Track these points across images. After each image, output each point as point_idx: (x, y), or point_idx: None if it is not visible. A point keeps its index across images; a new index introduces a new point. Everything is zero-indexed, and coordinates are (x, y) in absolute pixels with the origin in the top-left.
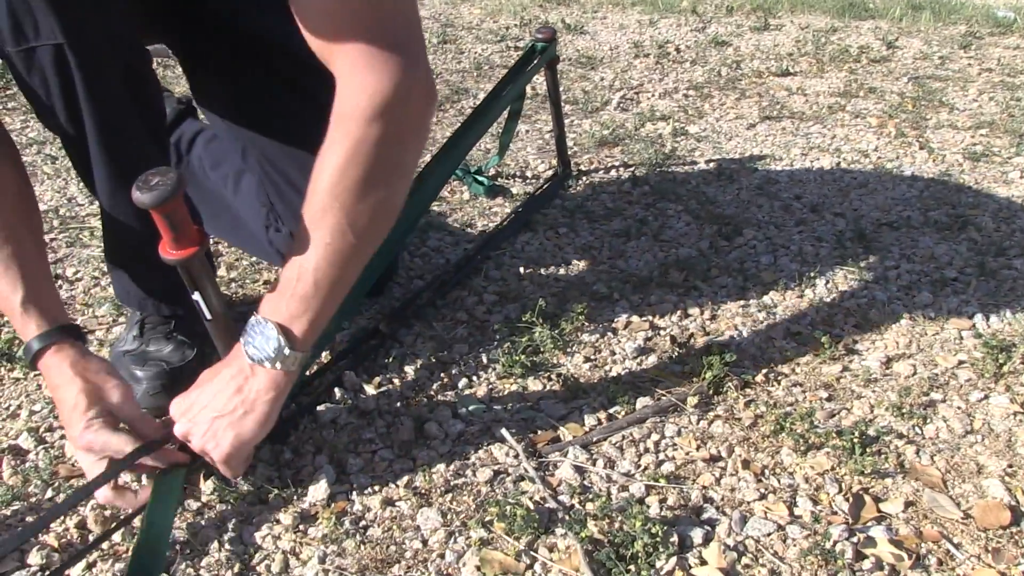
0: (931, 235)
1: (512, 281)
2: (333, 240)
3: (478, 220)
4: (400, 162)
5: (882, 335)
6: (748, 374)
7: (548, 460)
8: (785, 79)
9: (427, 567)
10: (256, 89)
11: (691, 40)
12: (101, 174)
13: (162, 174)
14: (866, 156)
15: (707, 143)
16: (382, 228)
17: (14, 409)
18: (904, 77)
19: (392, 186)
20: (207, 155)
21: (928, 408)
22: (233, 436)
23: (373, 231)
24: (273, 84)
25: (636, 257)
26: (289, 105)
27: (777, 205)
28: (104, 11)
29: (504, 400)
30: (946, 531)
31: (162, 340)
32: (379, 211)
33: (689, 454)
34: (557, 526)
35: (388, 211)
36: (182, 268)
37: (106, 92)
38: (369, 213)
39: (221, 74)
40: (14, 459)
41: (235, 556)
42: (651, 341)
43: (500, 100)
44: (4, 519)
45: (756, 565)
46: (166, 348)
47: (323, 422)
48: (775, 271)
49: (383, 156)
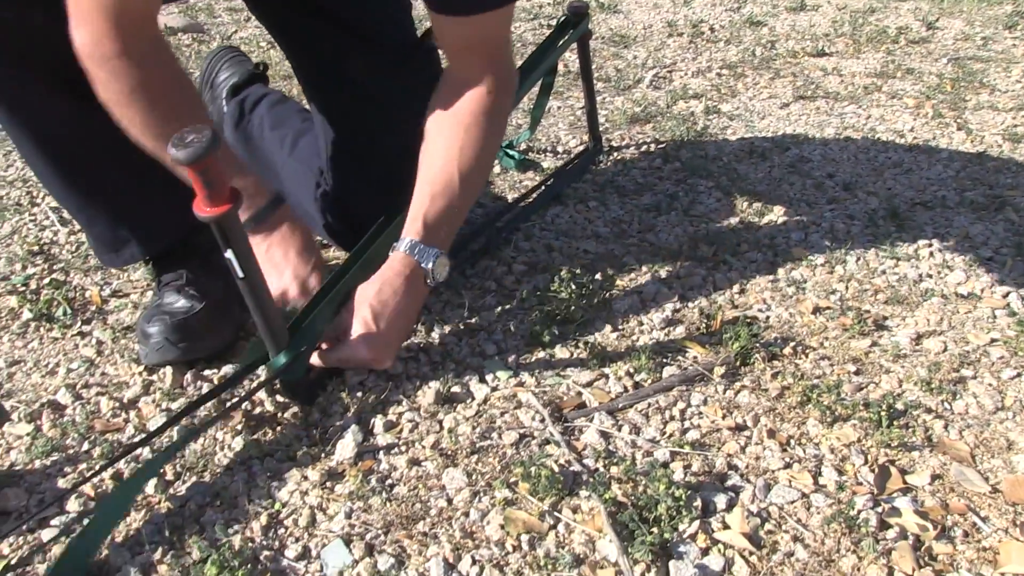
0: (966, 215)
1: (541, 252)
2: (470, 185)
3: (508, 193)
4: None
5: (913, 312)
6: (776, 347)
7: (573, 425)
8: (820, 59)
9: (451, 525)
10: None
11: (725, 20)
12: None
13: (198, 131)
14: (902, 136)
15: (739, 122)
16: (489, 168)
17: (53, 366)
18: (944, 58)
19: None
20: (269, 116)
21: (958, 384)
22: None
23: (486, 171)
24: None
25: (666, 231)
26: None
27: (809, 183)
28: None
29: (531, 367)
30: (973, 504)
31: (174, 293)
32: (488, 158)
33: (714, 423)
34: (581, 488)
35: (492, 156)
36: (216, 225)
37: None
38: (487, 160)
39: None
40: (53, 413)
41: (263, 510)
42: (679, 313)
43: (531, 73)
44: (44, 468)
45: (779, 531)
46: (177, 301)
47: (351, 385)
48: (805, 247)
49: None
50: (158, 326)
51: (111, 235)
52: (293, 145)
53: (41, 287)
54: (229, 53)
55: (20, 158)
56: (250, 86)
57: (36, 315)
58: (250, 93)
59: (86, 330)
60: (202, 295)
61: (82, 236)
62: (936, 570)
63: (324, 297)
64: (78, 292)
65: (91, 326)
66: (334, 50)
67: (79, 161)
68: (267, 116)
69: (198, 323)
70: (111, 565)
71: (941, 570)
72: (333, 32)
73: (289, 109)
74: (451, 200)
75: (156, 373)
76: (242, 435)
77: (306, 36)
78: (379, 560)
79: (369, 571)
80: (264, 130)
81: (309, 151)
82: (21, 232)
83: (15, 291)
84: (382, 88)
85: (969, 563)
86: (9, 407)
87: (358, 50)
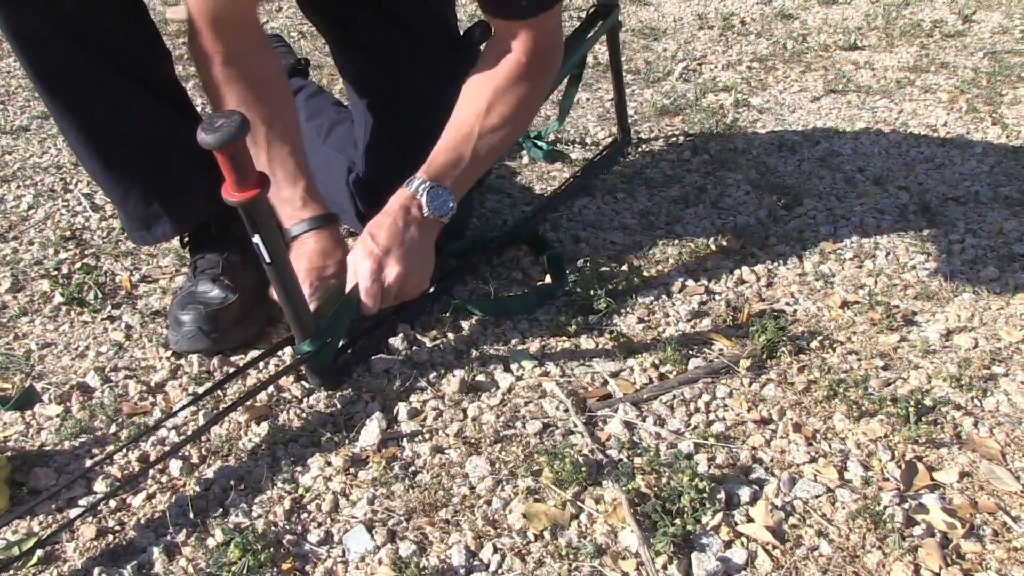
0: (1000, 210)
1: (569, 243)
2: (488, 144)
3: (536, 184)
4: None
5: (943, 308)
6: (803, 340)
7: (597, 415)
8: (852, 53)
9: (474, 513)
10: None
11: (756, 13)
12: None
13: (227, 116)
14: (934, 131)
15: (769, 115)
16: (515, 135)
17: (82, 349)
18: (980, 52)
19: (527, 112)
20: (305, 107)
21: (989, 381)
22: (418, 271)
23: (510, 136)
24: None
25: (694, 223)
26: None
27: (839, 177)
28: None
29: (556, 357)
30: (1003, 503)
31: (209, 282)
32: (515, 125)
33: (740, 415)
34: (605, 478)
35: (520, 124)
36: (243, 210)
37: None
38: (513, 126)
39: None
40: (82, 395)
41: (287, 494)
42: (705, 305)
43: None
44: (73, 449)
45: (803, 525)
46: (212, 291)
47: (376, 372)
48: (835, 241)
49: (530, 97)
50: (191, 314)
51: (144, 211)
52: (328, 134)
53: (72, 271)
54: (273, 43)
55: (58, 138)
56: (289, 79)
57: (67, 299)
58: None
59: (115, 314)
60: (236, 286)
61: (113, 222)
62: (964, 569)
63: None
64: (108, 277)
65: (120, 310)
66: (385, 43)
67: (118, 137)
68: (303, 107)
69: (231, 314)
70: (135, 545)
71: (969, 569)
72: (385, 25)
73: (325, 100)
74: (464, 151)
75: (184, 358)
76: (267, 420)
77: (358, 29)
78: (401, 546)
79: (391, 557)
80: (300, 120)
81: (342, 140)
82: (54, 217)
83: (47, 275)
84: (428, 80)
85: (999, 563)
86: (40, 388)
87: (408, 43)
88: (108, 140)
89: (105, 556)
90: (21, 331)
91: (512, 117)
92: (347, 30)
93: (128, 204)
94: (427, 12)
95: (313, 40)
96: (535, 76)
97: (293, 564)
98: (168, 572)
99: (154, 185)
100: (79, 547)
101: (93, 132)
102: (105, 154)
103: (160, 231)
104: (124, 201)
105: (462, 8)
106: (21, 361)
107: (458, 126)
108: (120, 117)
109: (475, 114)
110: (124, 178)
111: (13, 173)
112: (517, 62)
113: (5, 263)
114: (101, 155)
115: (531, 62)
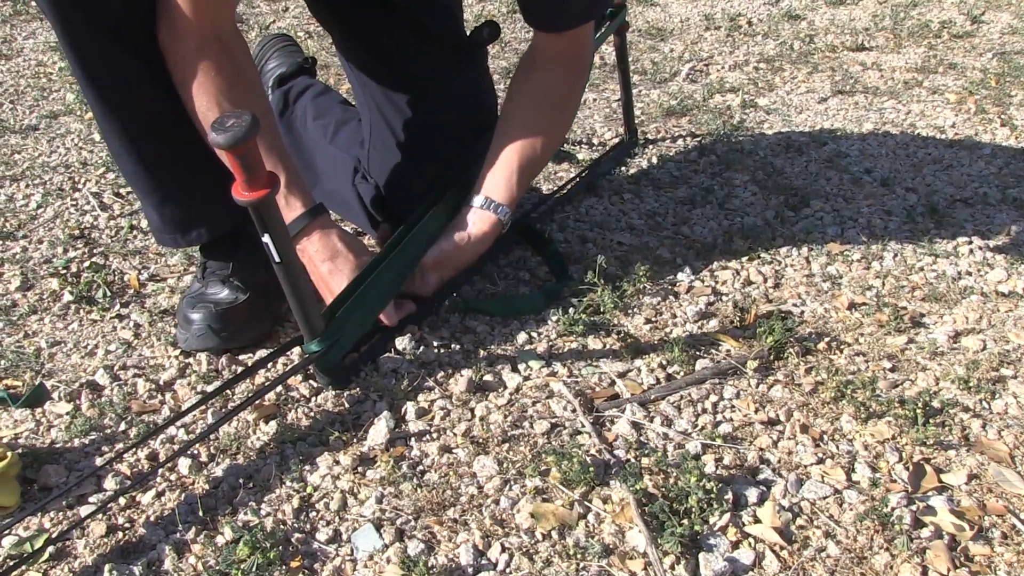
0: (1008, 212)
1: (575, 243)
2: (543, 146)
3: (543, 184)
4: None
5: (951, 309)
6: (810, 342)
7: (605, 416)
8: (860, 54)
9: (482, 512)
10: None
11: (763, 13)
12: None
13: (238, 116)
14: (942, 132)
15: (776, 116)
16: (559, 142)
17: (92, 348)
18: (988, 52)
19: (569, 116)
20: (312, 107)
21: (997, 383)
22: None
23: (557, 143)
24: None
25: (701, 224)
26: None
27: (846, 178)
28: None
29: (563, 357)
30: (1012, 506)
31: (219, 283)
32: (560, 131)
33: (747, 416)
34: (612, 478)
35: (565, 129)
36: (253, 210)
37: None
38: (562, 128)
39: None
40: (91, 393)
41: (295, 493)
42: (713, 306)
43: None
44: (83, 447)
45: (811, 526)
46: (222, 292)
47: (384, 371)
48: (842, 242)
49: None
50: (201, 313)
51: (181, 215)
52: (334, 133)
53: (81, 270)
54: (281, 42)
55: (66, 137)
56: (296, 78)
57: (76, 297)
58: (295, 84)
59: (124, 313)
60: (246, 286)
61: (121, 221)
62: (972, 571)
63: (360, 285)
64: (117, 276)
65: (129, 309)
66: (393, 42)
67: (161, 141)
68: (310, 106)
69: (240, 314)
70: (145, 543)
71: (978, 571)
72: (395, 24)
73: (331, 100)
74: (525, 166)
75: (192, 357)
76: (275, 419)
77: (366, 27)
78: (409, 545)
79: (399, 556)
80: (307, 120)
81: (349, 140)
82: (63, 216)
83: (56, 273)
84: (437, 81)
85: (1008, 566)
86: (50, 386)
87: (417, 43)
88: (150, 144)
89: (115, 553)
90: (31, 329)
91: (561, 121)
92: (355, 29)
93: (165, 208)
94: (438, 11)
95: (320, 40)
96: (575, 81)
97: (302, 562)
98: (178, 569)
99: (192, 189)
100: (89, 544)
101: (136, 136)
102: (146, 158)
103: (195, 235)
104: (161, 205)
105: (468, 8)
106: (31, 359)
107: (513, 143)
108: (163, 122)
109: (527, 127)
110: (164, 182)
111: (22, 172)
112: (559, 73)
113: (15, 262)
114: (142, 159)
115: (570, 68)
